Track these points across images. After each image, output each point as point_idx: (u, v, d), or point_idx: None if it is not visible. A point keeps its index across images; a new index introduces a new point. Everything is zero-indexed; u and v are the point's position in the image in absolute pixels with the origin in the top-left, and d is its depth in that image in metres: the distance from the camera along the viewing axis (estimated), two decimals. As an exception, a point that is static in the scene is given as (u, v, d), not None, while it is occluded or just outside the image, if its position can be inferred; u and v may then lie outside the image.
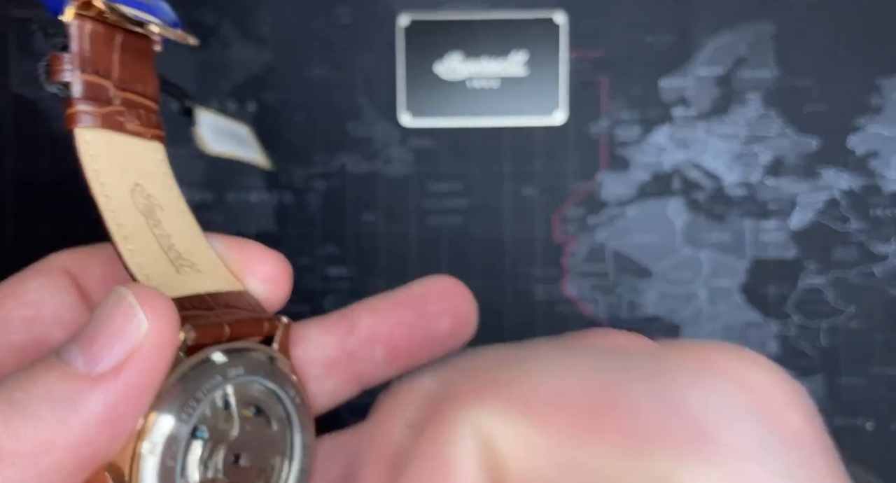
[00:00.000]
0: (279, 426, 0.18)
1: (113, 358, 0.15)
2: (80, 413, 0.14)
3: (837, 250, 0.34)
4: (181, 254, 0.18)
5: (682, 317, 0.34)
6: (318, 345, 0.20)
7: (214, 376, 0.16)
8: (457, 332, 0.21)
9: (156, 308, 0.15)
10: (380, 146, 0.35)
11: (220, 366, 0.16)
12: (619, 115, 0.35)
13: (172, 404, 0.15)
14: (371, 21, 0.35)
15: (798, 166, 0.34)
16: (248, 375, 0.17)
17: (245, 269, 0.19)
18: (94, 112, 0.17)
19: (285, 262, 0.20)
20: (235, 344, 0.17)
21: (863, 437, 0.34)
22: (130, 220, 0.17)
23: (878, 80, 0.34)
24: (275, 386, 0.18)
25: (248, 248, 0.19)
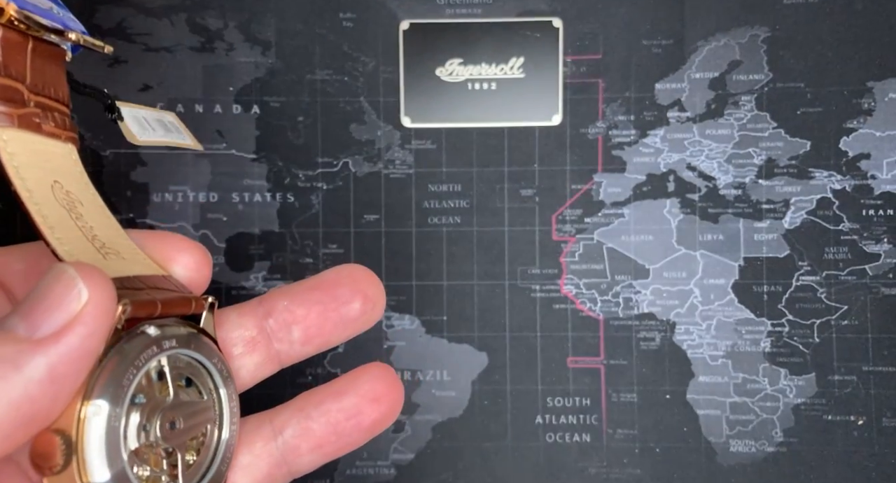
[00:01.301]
0: (208, 396, 0.20)
1: (54, 324, 0.15)
2: (23, 372, 0.15)
3: (830, 250, 0.35)
4: (105, 244, 0.19)
5: (676, 315, 0.35)
6: (238, 325, 0.22)
7: (150, 347, 0.17)
8: (367, 313, 0.22)
9: (95, 279, 0.16)
10: (381, 148, 0.36)
11: (155, 338, 0.18)
12: (615, 118, 0.35)
13: (114, 372, 0.16)
14: (373, 25, 0.36)
15: (791, 167, 0.35)
16: (179, 348, 0.18)
17: (167, 258, 0.20)
18: (9, 113, 0.18)
19: (204, 250, 0.21)
20: (166, 320, 0.19)
21: (854, 434, 0.34)
22: (54, 212, 0.18)
23: (870, 82, 0.35)
24: (203, 358, 0.19)
25: (169, 240, 0.21)
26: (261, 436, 0.22)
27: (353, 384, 0.22)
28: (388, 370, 0.23)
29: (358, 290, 0.22)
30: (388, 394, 0.22)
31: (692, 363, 0.35)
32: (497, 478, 0.35)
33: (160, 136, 0.25)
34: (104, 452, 0.16)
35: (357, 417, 0.22)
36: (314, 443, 0.22)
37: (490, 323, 0.36)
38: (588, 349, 0.35)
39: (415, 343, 0.35)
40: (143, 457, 0.18)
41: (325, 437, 0.22)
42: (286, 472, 0.22)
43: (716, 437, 0.35)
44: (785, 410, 0.35)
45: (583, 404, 0.35)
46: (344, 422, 0.22)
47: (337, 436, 0.22)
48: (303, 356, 0.23)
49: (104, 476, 0.16)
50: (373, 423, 0.22)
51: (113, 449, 0.16)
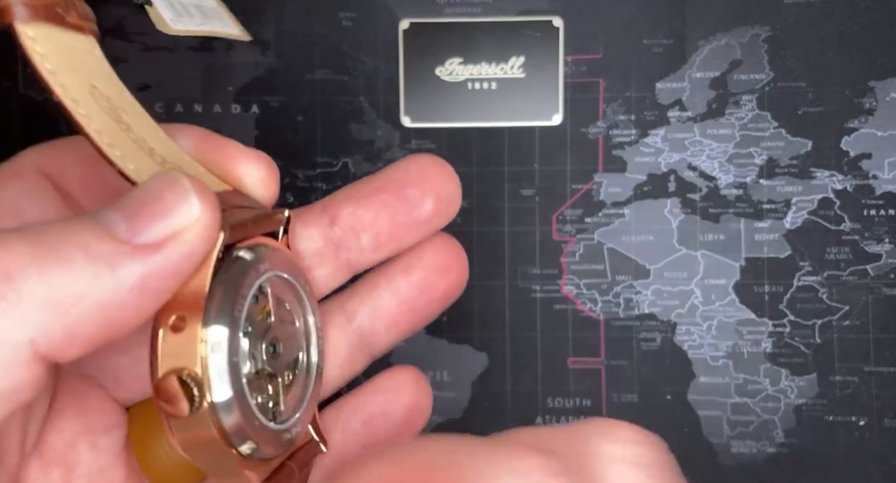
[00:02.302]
0: (298, 318, 0.19)
1: (157, 233, 0.14)
2: (116, 275, 0.14)
3: (831, 250, 0.35)
4: (165, 159, 0.17)
5: (677, 315, 0.35)
6: (303, 237, 0.20)
7: (250, 273, 0.16)
8: (441, 212, 0.21)
9: (208, 198, 0.15)
10: (381, 147, 0.36)
11: (252, 262, 0.16)
12: (615, 117, 0.35)
13: (225, 303, 0.15)
14: (373, 25, 0.36)
15: (792, 167, 0.35)
16: (273, 270, 0.17)
17: (231, 171, 0.18)
18: (32, 3, 0.15)
19: (270, 161, 0.19)
20: (253, 241, 0.17)
21: (856, 434, 0.34)
22: (106, 126, 0.16)
23: (871, 82, 0.35)
24: (292, 278, 0.18)
25: (226, 150, 0.19)
26: (335, 324, 0.21)
27: (419, 258, 0.21)
28: (451, 240, 0.22)
29: (429, 189, 0.20)
30: (455, 262, 0.21)
31: (693, 364, 0.35)
32: (497, 479, 0.35)
33: (198, 24, 0.21)
34: (231, 389, 0.15)
35: (428, 291, 0.21)
36: (389, 322, 0.21)
37: (490, 323, 0.35)
38: (588, 350, 0.35)
39: (415, 343, 0.35)
40: (254, 385, 0.17)
41: (399, 315, 0.21)
42: (367, 354, 0.22)
43: (717, 438, 0.35)
44: (786, 411, 0.35)
45: (583, 405, 0.35)
46: (416, 297, 0.21)
47: (411, 312, 0.21)
48: (376, 261, 0.21)
49: (236, 415, 0.15)
50: (444, 294, 0.21)
51: (238, 384, 0.15)
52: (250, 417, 0.16)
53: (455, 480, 0.13)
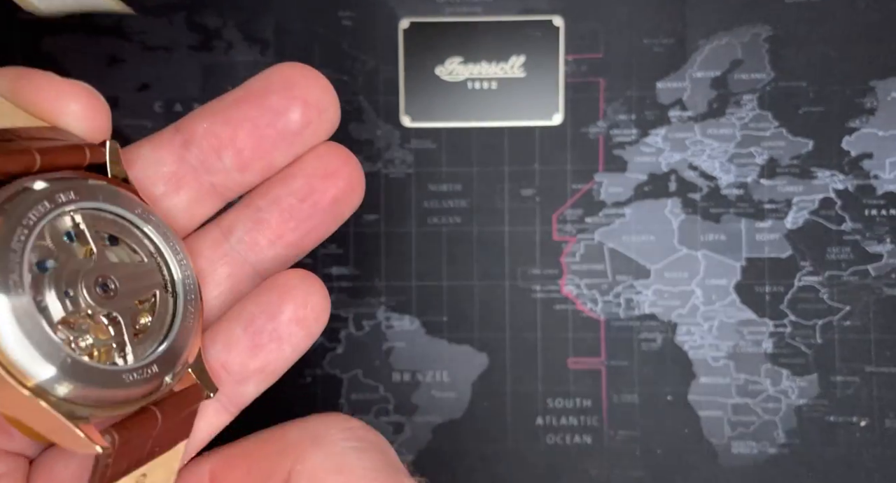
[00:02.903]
0: (149, 258, 0.17)
1: None
2: None
3: (832, 250, 0.35)
4: None
5: (678, 315, 0.35)
6: (153, 161, 0.18)
7: (40, 203, 0.15)
8: (312, 121, 0.19)
9: None
10: (381, 147, 0.36)
11: (43, 192, 0.15)
12: (616, 117, 0.35)
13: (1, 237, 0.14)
14: (373, 24, 0.36)
15: (793, 167, 0.35)
16: (84, 201, 0.16)
17: (47, 110, 0.16)
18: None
19: (93, 93, 0.17)
20: (59, 173, 0.16)
21: (857, 435, 0.34)
22: None
23: (873, 82, 0.35)
24: (123, 210, 0.17)
25: (43, 84, 0.16)
26: (210, 241, 0.19)
27: (299, 166, 0.19)
28: (337, 146, 0.20)
29: (294, 96, 0.18)
30: (343, 166, 0.19)
31: (693, 364, 0.35)
32: (497, 479, 0.35)
33: (70, 1, 0.19)
34: (18, 330, 0.14)
35: (311, 196, 0.19)
36: (272, 235, 0.19)
37: (490, 324, 0.35)
38: (589, 350, 0.35)
39: (414, 344, 0.35)
40: (79, 327, 0.15)
41: (282, 226, 0.19)
42: (251, 272, 0.20)
43: (717, 439, 0.35)
44: (787, 411, 0.34)
45: (583, 405, 0.35)
46: (298, 204, 0.19)
47: (295, 221, 0.19)
48: (247, 185, 0.19)
49: (45, 370, 0.14)
50: (333, 200, 0.19)
51: (33, 328, 0.14)
52: (59, 358, 0.14)
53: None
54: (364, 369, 0.35)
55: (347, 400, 0.35)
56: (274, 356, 0.19)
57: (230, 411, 0.19)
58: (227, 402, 0.19)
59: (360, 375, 0.35)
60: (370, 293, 0.35)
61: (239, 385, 0.19)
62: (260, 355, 0.19)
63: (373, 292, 0.35)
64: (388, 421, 0.35)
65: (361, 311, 0.35)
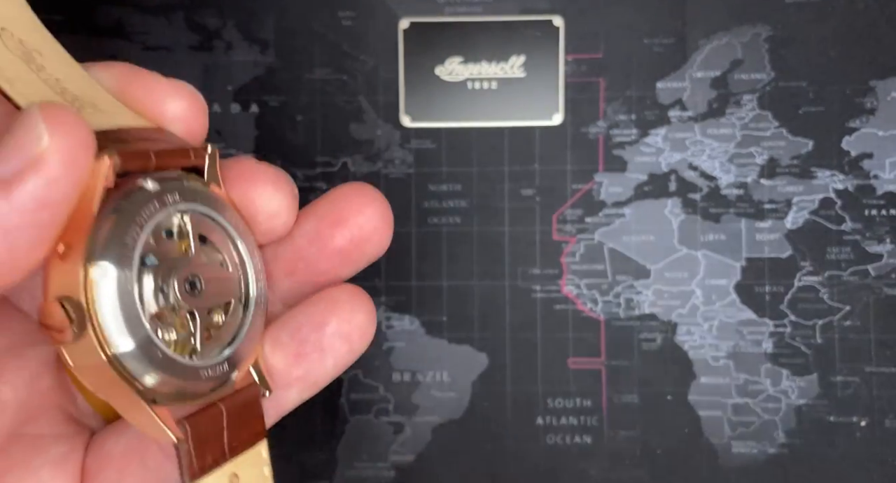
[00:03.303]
0: (234, 269, 0.18)
1: (11, 167, 0.14)
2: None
3: (832, 250, 0.35)
4: (78, 96, 0.17)
5: (678, 315, 0.35)
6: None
7: (151, 202, 0.16)
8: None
9: (60, 120, 0.14)
10: (381, 147, 0.36)
11: (155, 193, 0.16)
12: (616, 117, 0.35)
13: (114, 231, 0.15)
14: (372, 24, 0.36)
15: (793, 167, 0.35)
16: (185, 203, 0.17)
17: (152, 107, 0.18)
18: None
19: (195, 94, 0.18)
20: (165, 174, 0.17)
21: (857, 435, 0.34)
22: (9, 64, 0.16)
23: (872, 82, 0.35)
24: (215, 213, 0.17)
25: (150, 85, 0.18)
26: None
27: (315, 205, 0.20)
28: (361, 189, 0.20)
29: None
30: (355, 215, 0.20)
31: (694, 364, 0.35)
32: (497, 479, 0.35)
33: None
34: (121, 318, 0.15)
35: (318, 241, 0.20)
36: (285, 268, 0.20)
37: (490, 323, 0.35)
38: (589, 350, 0.35)
39: (414, 344, 0.35)
40: (166, 321, 0.17)
41: (292, 264, 0.20)
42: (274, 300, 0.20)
43: (717, 439, 0.35)
44: (787, 411, 0.34)
45: (583, 405, 0.35)
46: (307, 246, 0.20)
47: (304, 262, 0.20)
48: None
49: (128, 344, 0.15)
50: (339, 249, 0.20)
51: (131, 314, 0.15)
52: (150, 348, 0.15)
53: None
54: (364, 369, 0.35)
55: (347, 400, 0.35)
56: (316, 366, 0.19)
57: (272, 417, 0.20)
58: (270, 407, 0.19)
59: (360, 375, 0.35)
60: (370, 293, 0.35)
61: (282, 390, 0.19)
62: (303, 364, 0.19)
63: (373, 292, 0.35)
64: (388, 421, 0.35)
65: (361, 311, 0.35)
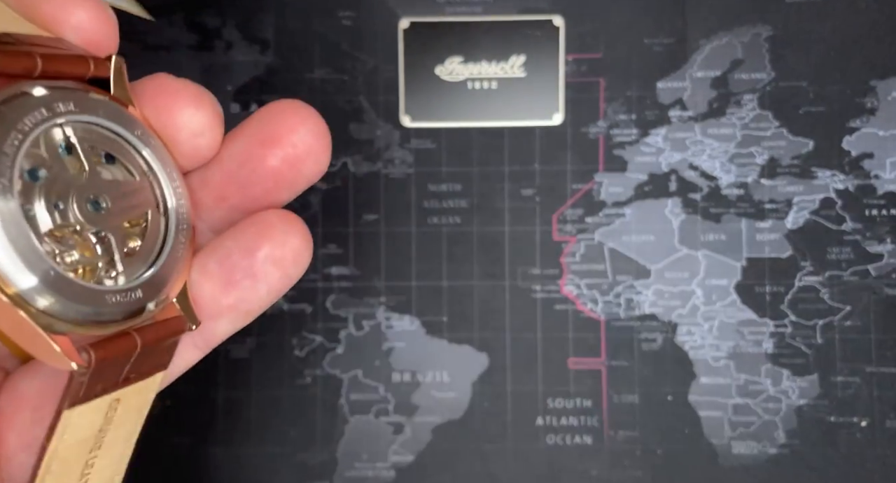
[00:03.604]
0: (142, 177, 0.17)
1: None
2: None
3: (832, 250, 0.35)
4: None
5: (678, 315, 0.35)
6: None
7: (38, 109, 0.14)
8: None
9: None
10: (381, 147, 0.36)
11: (42, 98, 0.14)
12: (616, 117, 0.35)
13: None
14: (372, 24, 0.36)
15: (793, 167, 0.35)
16: (83, 114, 0.15)
17: (51, 17, 0.15)
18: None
19: (101, 4, 0.16)
20: (60, 82, 0.15)
21: (857, 435, 0.34)
22: None
23: (873, 81, 0.35)
24: (122, 129, 0.16)
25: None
26: None
27: (244, 125, 0.18)
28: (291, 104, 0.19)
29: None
30: (287, 134, 0.18)
31: (694, 364, 0.35)
32: (497, 480, 0.35)
33: None
34: (8, 243, 0.13)
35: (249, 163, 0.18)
36: (215, 195, 0.18)
37: (490, 324, 0.35)
38: (589, 350, 0.35)
39: (415, 344, 0.35)
40: (67, 242, 0.15)
41: (223, 187, 0.18)
42: (204, 230, 0.19)
43: (718, 439, 0.35)
44: (787, 412, 0.34)
45: (584, 406, 0.35)
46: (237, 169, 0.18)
47: (236, 185, 0.18)
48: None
49: (27, 279, 0.14)
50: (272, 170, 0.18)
51: (17, 233, 0.14)
52: (42, 269, 0.14)
53: None
54: (364, 369, 0.35)
55: (347, 400, 0.35)
56: (248, 294, 0.18)
57: (201, 348, 0.19)
58: (199, 339, 0.18)
59: (360, 375, 0.35)
60: (370, 293, 0.35)
61: (211, 320, 0.18)
62: (233, 292, 0.18)
63: (373, 292, 0.35)
64: (388, 421, 0.35)
65: (361, 311, 0.35)
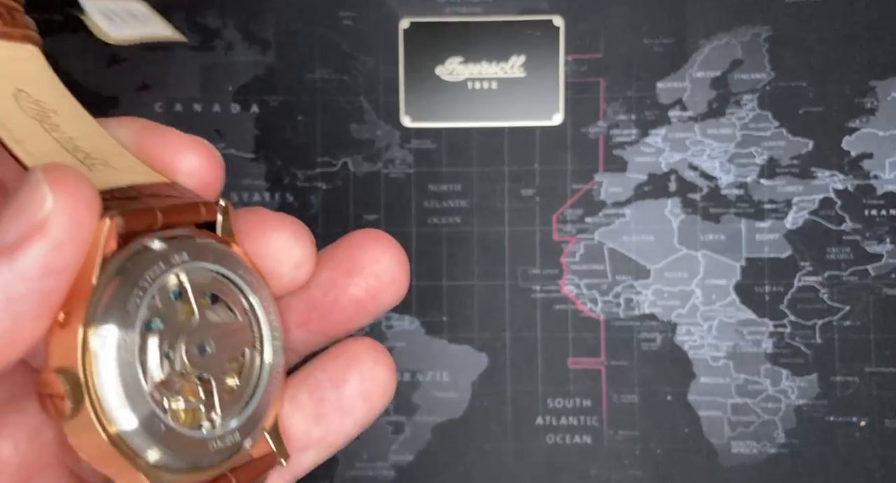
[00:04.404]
0: (243, 316, 0.17)
1: (14, 233, 0.13)
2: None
3: (832, 250, 0.35)
4: (90, 154, 0.16)
5: (678, 315, 0.35)
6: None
7: (157, 264, 0.15)
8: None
9: (64, 182, 0.13)
10: (381, 147, 0.36)
11: (161, 252, 0.15)
12: (616, 117, 0.35)
13: (116, 296, 0.14)
14: (373, 24, 0.36)
15: (793, 167, 0.35)
16: (194, 261, 0.16)
17: (167, 162, 0.17)
18: None
19: (209, 148, 0.17)
20: (173, 231, 0.16)
21: (857, 435, 0.34)
22: (22, 125, 0.15)
23: (873, 81, 0.35)
24: (227, 270, 0.17)
25: (166, 139, 0.17)
26: None
27: (330, 253, 0.19)
28: (376, 238, 0.19)
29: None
30: (370, 264, 0.18)
31: (693, 364, 0.35)
32: (497, 479, 0.35)
33: (135, 29, 0.21)
34: (122, 392, 0.14)
35: (332, 291, 0.19)
36: (298, 319, 0.19)
37: (490, 324, 0.35)
38: (589, 350, 0.35)
39: (414, 344, 0.35)
40: (174, 388, 0.15)
41: (305, 314, 0.19)
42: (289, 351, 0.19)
43: (717, 439, 0.35)
44: (787, 411, 0.34)
45: (583, 405, 0.35)
46: (321, 297, 0.19)
47: (319, 313, 0.19)
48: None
49: (130, 422, 0.14)
50: (354, 299, 0.19)
51: (132, 386, 0.14)
52: (154, 424, 0.14)
53: None
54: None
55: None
56: (336, 428, 0.18)
57: (287, 480, 0.19)
58: (286, 472, 0.18)
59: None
60: (370, 293, 0.35)
61: (299, 452, 0.18)
62: (322, 424, 0.18)
63: (373, 292, 0.35)
64: (388, 421, 0.35)
65: (361, 311, 0.35)
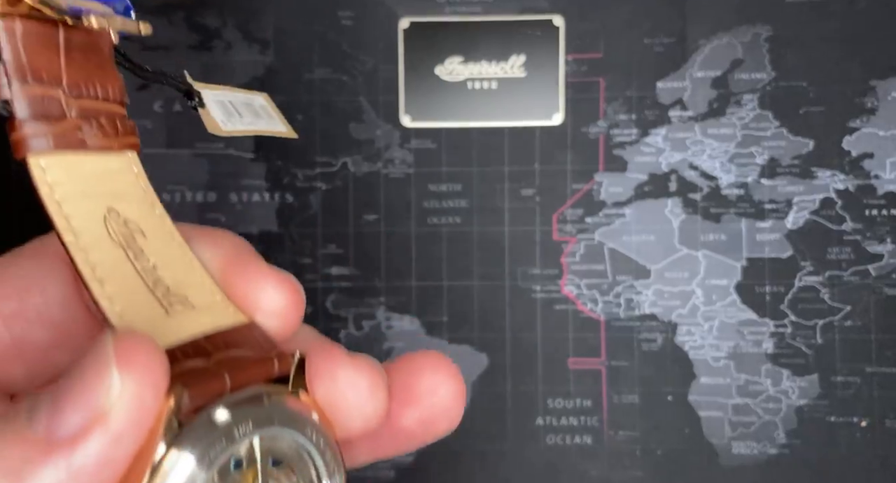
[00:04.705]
0: (306, 476, 0.16)
1: (74, 423, 0.12)
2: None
3: (832, 250, 0.35)
4: (170, 288, 0.16)
5: (678, 315, 0.35)
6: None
7: (219, 440, 0.14)
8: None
9: (135, 363, 0.12)
10: (381, 147, 0.36)
11: (224, 427, 0.14)
12: (616, 117, 0.35)
13: (175, 478, 0.13)
14: (372, 24, 0.36)
15: (793, 167, 0.35)
16: (259, 429, 0.15)
17: (249, 299, 0.16)
18: (45, 132, 0.14)
19: (296, 287, 0.16)
20: (242, 394, 0.15)
21: (857, 435, 0.34)
22: (106, 257, 0.15)
23: (873, 81, 0.35)
24: (294, 435, 0.16)
25: (251, 272, 0.16)
26: None
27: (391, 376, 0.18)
28: (434, 368, 0.18)
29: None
30: (424, 397, 0.18)
31: (694, 364, 0.35)
32: (497, 480, 0.35)
33: (249, 123, 0.21)
34: None
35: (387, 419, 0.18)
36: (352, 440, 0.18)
37: (490, 324, 0.35)
38: (589, 350, 0.35)
39: (415, 344, 0.35)
40: None
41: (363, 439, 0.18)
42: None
43: (718, 439, 0.35)
44: (787, 412, 0.34)
45: (584, 406, 0.35)
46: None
47: (372, 439, 0.18)
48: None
49: None
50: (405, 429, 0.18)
51: None
52: None
53: None
54: None
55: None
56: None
57: None
58: None
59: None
60: (370, 293, 0.35)
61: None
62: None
63: (373, 292, 0.35)
64: (388, 421, 0.35)
65: (361, 311, 0.35)
